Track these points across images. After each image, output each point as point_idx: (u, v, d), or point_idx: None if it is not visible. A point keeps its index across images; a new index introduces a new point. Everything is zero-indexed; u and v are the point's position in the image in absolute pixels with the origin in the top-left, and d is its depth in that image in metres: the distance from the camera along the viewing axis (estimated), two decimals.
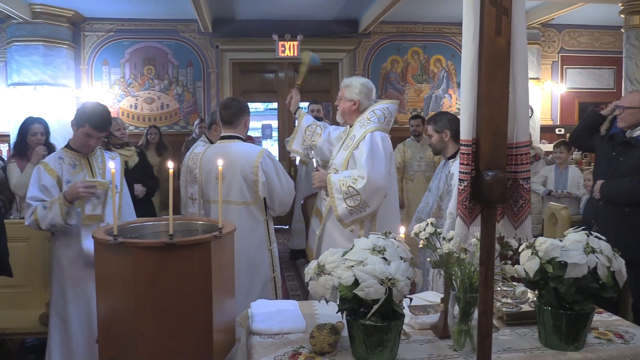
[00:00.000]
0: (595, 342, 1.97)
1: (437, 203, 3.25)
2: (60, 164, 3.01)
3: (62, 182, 2.98)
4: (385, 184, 3.11)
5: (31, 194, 2.93)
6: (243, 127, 3.43)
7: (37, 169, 2.99)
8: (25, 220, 2.94)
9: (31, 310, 3.66)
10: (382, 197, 3.12)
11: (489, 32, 1.47)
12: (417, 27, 9.04)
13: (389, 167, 3.17)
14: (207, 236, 1.99)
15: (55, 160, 3.03)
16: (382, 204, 3.15)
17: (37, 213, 2.88)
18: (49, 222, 2.88)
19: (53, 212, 2.87)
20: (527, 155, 1.60)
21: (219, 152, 3.28)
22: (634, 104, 3.44)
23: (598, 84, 9.63)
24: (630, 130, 3.47)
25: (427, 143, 6.41)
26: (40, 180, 2.95)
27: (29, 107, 7.32)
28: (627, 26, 6.77)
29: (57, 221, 2.87)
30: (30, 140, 4.45)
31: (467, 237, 1.57)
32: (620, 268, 1.88)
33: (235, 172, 3.28)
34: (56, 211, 2.86)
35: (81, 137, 3.02)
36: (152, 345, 1.90)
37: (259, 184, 3.28)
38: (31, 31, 7.63)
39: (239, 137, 3.40)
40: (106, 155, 3.23)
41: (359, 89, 3.26)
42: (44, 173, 2.97)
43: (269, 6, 7.78)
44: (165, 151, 6.68)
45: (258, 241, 3.35)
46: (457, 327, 1.89)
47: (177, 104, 8.61)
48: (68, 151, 3.09)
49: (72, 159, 3.06)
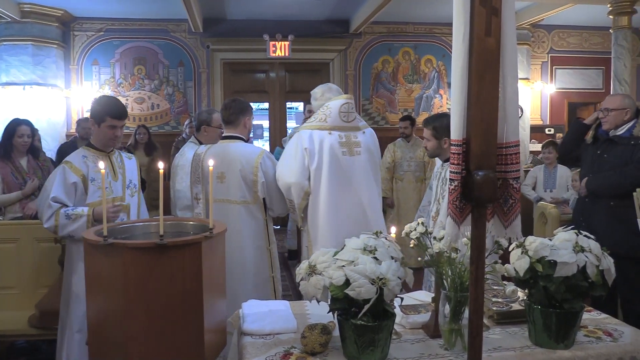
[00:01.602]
0: (584, 340, 1.99)
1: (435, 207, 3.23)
2: (85, 162, 3.00)
3: (87, 180, 2.96)
4: (298, 180, 3.14)
5: (55, 194, 2.87)
6: (243, 127, 3.43)
7: (62, 168, 2.94)
8: (45, 223, 2.87)
9: (20, 311, 3.62)
10: (300, 191, 3.16)
11: (479, 33, 1.48)
12: (408, 28, 9.07)
13: (306, 162, 3.15)
14: (198, 237, 1.98)
15: (80, 159, 3.01)
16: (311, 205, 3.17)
17: (59, 220, 2.85)
18: (69, 232, 2.87)
19: (77, 225, 2.85)
20: (517, 155, 1.61)
21: (220, 152, 3.31)
22: (616, 106, 3.55)
23: (587, 84, 9.71)
24: (614, 130, 3.55)
25: (417, 143, 6.45)
26: (67, 180, 2.91)
27: (18, 107, 7.28)
28: (615, 27, 6.84)
29: (78, 234, 2.86)
30: (17, 142, 4.39)
31: (457, 236, 1.58)
32: (609, 266, 1.90)
33: (235, 172, 3.29)
34: (82, 226, 2.85)
35: (105, 132, 3.02)
36: (143, 346, 1.89)
37: (258, 184, 3.28)
38: (20, 31, 7.58)
39: (240, 137, 3.41)
40: (123, 155, 3.26)
41: (312, 97, 3.40)
42: (69, 172, 2.93)
43: (260, 6, 7.77)
44: (154, 151, 6.65)
45: (257, 240, 3.35)
46: (448, 326, 1.90)
47: (167, 104, 8.58)
48: (90, 149, 3.08)
49: (95, 157, 3.05)
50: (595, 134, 3.68)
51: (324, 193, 3.15)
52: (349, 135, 3.21)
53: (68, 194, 2.90)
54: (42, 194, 2.96)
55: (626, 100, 3.57)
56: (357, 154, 3.21)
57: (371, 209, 3.23)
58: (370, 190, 3.24)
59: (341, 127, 3.21)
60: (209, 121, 3.81)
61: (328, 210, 3.15)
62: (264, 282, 3.37)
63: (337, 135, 3.19)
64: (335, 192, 3.16)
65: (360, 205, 3.21)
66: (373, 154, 3.30)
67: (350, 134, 3.22)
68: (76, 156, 3.02)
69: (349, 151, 3.19)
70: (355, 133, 3.24)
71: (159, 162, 2.06)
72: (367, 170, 3.25)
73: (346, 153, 3.19)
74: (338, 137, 3.19)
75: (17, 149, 4.40)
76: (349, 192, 3.19)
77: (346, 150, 3.19)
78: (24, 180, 4.37)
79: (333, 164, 3.16)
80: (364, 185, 3.22)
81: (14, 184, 4.31)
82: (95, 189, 2.97)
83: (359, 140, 3.24)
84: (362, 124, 3.34)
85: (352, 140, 3.21)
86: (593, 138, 3.68)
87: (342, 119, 3.21)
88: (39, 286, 3.75)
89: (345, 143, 3.19)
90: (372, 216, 3.22)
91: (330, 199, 3.16)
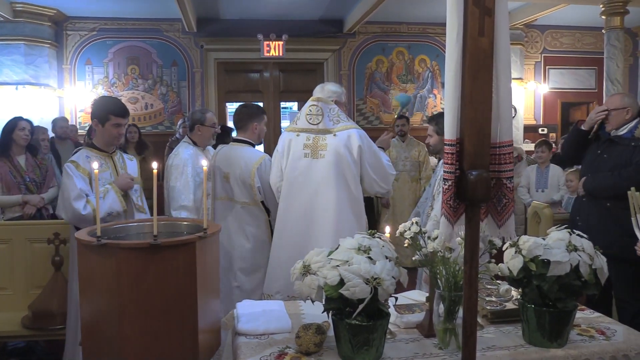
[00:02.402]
0: (577, 339, 2.00)
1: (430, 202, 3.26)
2: (90, 163, 3.02)
3: (92, 180, 3.00)
4: (273, 181, 3.28)
5: (80, 186, 2.94)
6: (252, 132, 3.58)
7: (69, 167, 3.00)
8: (82, 210, 2.90)
9: (13, 312, 3.60)
10: (276, 192, 3.27)
11: (472, 33, 1.48)
12: (401, 27, 9.08)
13: (281, 164, 3.23)
14: (192, 237, 1.98)
15: (85, 160, 3.05)
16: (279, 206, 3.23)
17: (92, 203, 2.92)
18: (107, 210, 2.95)
19: (110, 199, 2.97)
20: (511, 155, 1.61)
21: (227, 154, 3.53)
22: (616, 106, 3.51)
23: (580, 84, 9.76)
24: (615, 130, 3.53)
25: (412, 143, 6.46)
26: (80, 175, 2.98)
27: (10, 107, 7.22)
28: (607, 27, 6.87)
29: (115, 207, 2.98)
30: (17, 135, 4.38)
31: (451, 236, 1.58)
32: (601, 265, 1.91)
33: (236, 174, 3.45)
34: (114, 197, 2.98)
35: (110, 131, 3.09)
36: (137, 346, 1.88)
37: (254, 188, 3.42)
38: (12, 30, 7.53)
39: (248, 141, 3.57)
40: (125, 156, 3.32)
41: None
42: (75, 171, 2.99)
43: (253, 6, 7.76)
44: (145, 150, 6.61)
45: (259, 239, 3.48)
46: (442, 325, 1.90)
47: (161, 104, 8.55)
48: (93, 150, 3.13)
49: (98, 158, 3.09)
50: (597, 132, 3.64)
51: (283, 194, 3.21)
52: (317, 138, 3.17)
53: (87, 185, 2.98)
54: (62, 195, 3.00)
55: (626, 99, 3.52)
56: (321, 157, 3.13)
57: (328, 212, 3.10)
58: (327, 194, 3.11)
59: (309, 129, 3.19)
60: (203, 120, 3.81)
61: (281, 211, 3.21)
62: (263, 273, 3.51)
63: (304, 137, 3.18)
64: (288, 194, 3.18)
65: (311, 208, 3.13)
66: (342, 156, 3.11)
67: (319, 136, 3.17)
68: (80, 156, 3.07)
69: (312, 153, 3.15)
70: (324, 135, 3.17)
71: (152, 162, 2.05)
72: (329, 173, 3.11)
73: (308, 155, 3.15)
74: (305, 139, 3.17)
75: (16, 144, 4.39)
76: (301, 194, 3.15)
77: (309, 152, 3.16)
78: (22, 179, 4.36)
79: (291, 166, 3.17)
80: (321, 188, 3.12)
81: (12, 182, 4.30)
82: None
83: (326, 142, 3.15)
84: (338, 126, 3.17)
85: (319, 143, 3.16)
86: (595, 136, 3.65)
87: (307, 121, 3.20)
88: (32, 287, 3.73)
89: (310, 145, 3.16)
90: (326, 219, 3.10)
91: (284, 200, 3.20)
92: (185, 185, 3.62)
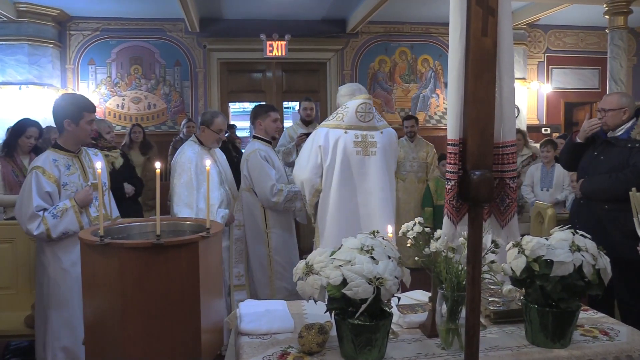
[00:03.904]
0: (581, 339, 1.99)
1: None
2: (57, 167, 2.92)
3: (60, 186, 2.89)
4: (309, 177, 3.27)
5: (36, 203, 2.81)
6: (258, 128, 4.01)
7: (35, 174, 2.85)
8: (34, 231, 2.80)
9: (16, 312, 3.61)
10: (311, 188, 3.28)
11: (475, 33, 1.48)
12: (404, 27, 9.07)
13: (319, 160, 3.25)
14: (195, 236, 1.98)
15: (51, 164, 2.91)
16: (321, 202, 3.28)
17: (47, 222, 2.80)
18: (63, 230, 2.84)
19: (68, 220, 2.83)
20: (514, 155, 1.61)
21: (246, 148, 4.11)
22: (613, 106, 3.47)
23: (583, 84, 9.73)
24: (612, 131, 3.50)
25: (420, 144, 6.43)
26: (42, 188, 2.84)
27: (14, 107, 7.24)
28: (611, 27, 6.85)
29: (72, 228, 2.84)
30: (23, 141, 4.39)
31: (454, 236, 1.58)
32: (605, 266, 1.90)
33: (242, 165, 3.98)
34: (72, 218, 2.84)
35: (84, 128, 2.96)
36: (140, 346, 1.89)
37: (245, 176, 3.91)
38: (16, 30, 7.55)
39: (258, 136, 4.02)
40: (90, 152, 3.18)
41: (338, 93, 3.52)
42: (43, 179, 2.85)
43: (256, 6, 7.77)
44: (149, 150, 6.60)
45: (257, 221, 3.92)
46: (445, 325, 1.90)
47: (164, 104, 8.56)
48: (59, 152, 2.98)
49: (65, 159, 2.97)
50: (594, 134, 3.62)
51: (334, 191, 3.24)
52: (366, 135, 3.26)
53: (45, 200, 2.85)
54: (19, 203, 2.88)
55: (623, 99, 3.49)
56: (373, 154, 3.25)
57: (381, 209, 3.24)
58: (383, 191, 3.26)
59: (358, 127, 3.26)
60: (210, 124, 3.80)
61: (336, 209, 3.24)
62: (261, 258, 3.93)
63: (352, 134, 3.25)
64: (345, 191, 3.23)
65: (368, 205, 3.25)
66: (387, 154, 3.32)
67: (367, 133, 3.26)
68: (46, 160, 2.91)
69: (363, 151, 3.24)
70: (372, 133, 3.28)
71: (156, 161, 2.06)
72: (382, 170, 3.27)
73: (360, 152, 3.24)
74: (354, 137, 3.24)
75: (20, 148, 4.40)
76: (359, 191, 3.26)
77: (361, 149, 3.24)
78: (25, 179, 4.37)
79: (345, 163, 3.22)
80: (376, 186, 3.25)
81: (14, 182, 4.31)
82: (67, 195, 2.91)
83: (375, 140, 3.27)
84: (381, 124, 3.37)
85: (369, 141, 3.26)
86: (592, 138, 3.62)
87: (358, 118, 3.26)
88: (35, 286, 3.73)
89: (360, 142, 3.24)
90: (380, 216, 3.22)
91: (340, 197, 3.24)
92: (188, 183, 3.62)
